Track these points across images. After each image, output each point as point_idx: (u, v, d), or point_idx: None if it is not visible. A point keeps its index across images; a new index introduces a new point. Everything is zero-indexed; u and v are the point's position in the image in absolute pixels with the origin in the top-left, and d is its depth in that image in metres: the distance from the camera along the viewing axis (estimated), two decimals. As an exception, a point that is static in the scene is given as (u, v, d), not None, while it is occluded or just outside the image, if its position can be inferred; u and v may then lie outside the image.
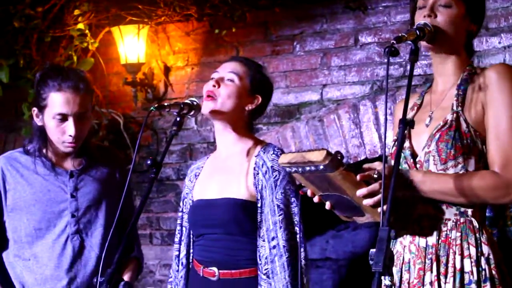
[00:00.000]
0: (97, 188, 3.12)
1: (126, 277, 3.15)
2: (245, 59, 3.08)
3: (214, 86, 2.88)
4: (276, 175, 2.81)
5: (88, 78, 3.09)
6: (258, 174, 2.84)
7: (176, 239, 3.05)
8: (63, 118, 2.97)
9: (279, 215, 2.79)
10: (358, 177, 2.27)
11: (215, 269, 2.84)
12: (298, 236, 2.78)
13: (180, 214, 3.08)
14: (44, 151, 3.09)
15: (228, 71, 2.92)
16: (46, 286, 3.04)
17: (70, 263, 3.05)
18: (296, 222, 2.80)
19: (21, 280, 3.07)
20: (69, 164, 3.12)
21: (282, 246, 2.76)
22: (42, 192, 3.06)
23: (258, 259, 2.80)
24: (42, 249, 3.05)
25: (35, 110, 3.05)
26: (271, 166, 2.82)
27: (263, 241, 2.79)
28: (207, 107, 2.88)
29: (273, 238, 2.78)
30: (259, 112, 3.01)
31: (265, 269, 2.77)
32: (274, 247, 2.77)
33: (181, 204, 3.10)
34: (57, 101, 2.96)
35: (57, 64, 3.19)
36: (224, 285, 2.83)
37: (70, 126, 2.98)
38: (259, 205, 2.82)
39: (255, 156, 2.88)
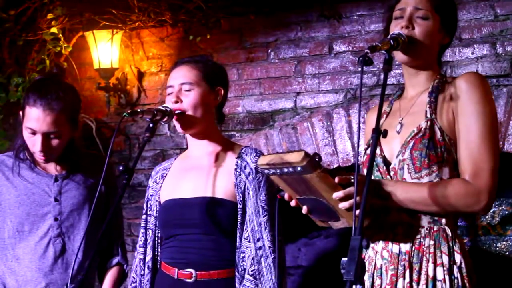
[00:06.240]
0: (82, 194, 3.14)
1: (106, 285, 3.17)
2: (191, 59, 2.99)
3: (176, 102, 2.87)
4: (259, 177, 2.82)
5: (69, 97, 3.05)
6: (240, 175, 2.84)
7: (141, 242, 3.00)
8: (32, 132, 2.99)
9: (263, 216, 2.80)
10: (336, 179, 2.27)
11: (192, 270, 2.81)
12: (279, 237, 2.78)
13: (144, 216, 3.04)
14: (30, 154, 3.11)
15: (181, 82, 2.89)
16: None
17: (51, 265, 3.06)
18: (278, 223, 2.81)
19: (3, 281, 3.09)
20: (53, 169, 3.15)
21: (268, 247, 2.78)
22: (27, 195, 3.09)
23: (240, 260, 2.79)
24: (24, 251, 3.08)
25: (20, 113, 3.08)
26: (255, 168, 2.82)
27: (248, 242, 2.79)
28: (180, 126, 2.88)
29: (258, 239, 2.78)
30: (224, 101, 3.00)
31: (252, 270, 2.77)
32: (260, 248, 2.78)
33: (144, 206, 3.06)
34: (29, 115, 2.98)
35: (48, 77, 3.15)
36: (201, 286, 2.80)
37: (37, 142, 3.00)
38: (240, 206, 2.81)
39: (236, 157, 2.88)
